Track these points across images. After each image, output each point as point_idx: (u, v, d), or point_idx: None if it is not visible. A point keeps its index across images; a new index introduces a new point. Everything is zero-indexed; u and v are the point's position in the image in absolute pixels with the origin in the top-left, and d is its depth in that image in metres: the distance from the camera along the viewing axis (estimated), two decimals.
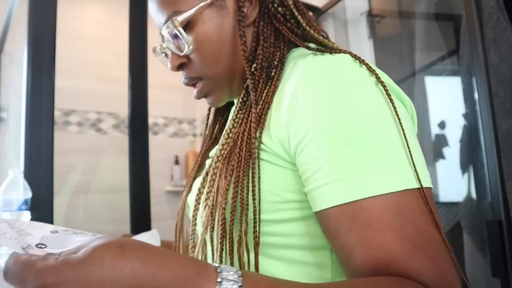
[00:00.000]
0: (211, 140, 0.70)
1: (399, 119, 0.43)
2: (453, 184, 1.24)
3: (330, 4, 1.69)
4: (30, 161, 1.28)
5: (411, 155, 0.41)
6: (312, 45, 0.55)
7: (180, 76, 0.65)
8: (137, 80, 1.54)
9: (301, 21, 0.57)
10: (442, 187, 1.32)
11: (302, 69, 0.47)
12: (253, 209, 0.46)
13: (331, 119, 0.42)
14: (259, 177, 0.47)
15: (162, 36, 0.60)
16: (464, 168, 1.20)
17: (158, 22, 0.59)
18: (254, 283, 0.32)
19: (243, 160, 0.47)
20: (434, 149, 1.39)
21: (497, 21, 0.96)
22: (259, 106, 0.50)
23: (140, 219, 1.45)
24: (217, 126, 0.72)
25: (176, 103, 2.85)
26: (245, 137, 0.49)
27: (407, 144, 0.42)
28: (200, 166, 0.67)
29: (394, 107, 0.43)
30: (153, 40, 1.73)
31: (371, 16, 1.71)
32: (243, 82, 0.58)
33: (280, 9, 0.57)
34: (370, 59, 1.69)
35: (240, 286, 0.30)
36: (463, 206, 1.20)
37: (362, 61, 0.46)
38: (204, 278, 0.31)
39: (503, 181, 0.94)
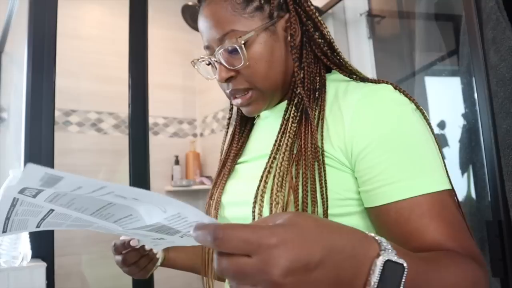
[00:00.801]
0: (238, 147, 0.78)
1: (434, 136, 0.59)
2: (453, 184, 1.24)
3: (330, 4, 1.69)
4: (30, 161, 1.28)
5: (444, 164, 0.57)
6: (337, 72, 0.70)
7: (180, 76, 0.68)
8: (137, 80, 1.54)
9: (341, 53, 0.69)
10: None
11: (356, 94, 0.60)
12: (321, 205, 0.57)
13: (390, 134, 0.56)
14: (325, 179, 0.57)
15: (208, 48, 0.67)
16: (463, 168, 1.20)
17: (210, 36, 0.66)
18: (397, 247, 0.40)
19: (310, 165, 0.58)
20: None
21: (496, 22, 0.96)
22: (315, 122, 0.61)
23: None
24: (243, 135, 0.80)
25: (176, 103, 2.86)
26: (309, 146, 0.59)
27: (441, 155, 0.58)
28: (230, 170, 0.74)
29: (431, 128, 0.60)
30: (153, 40, 1.73)
31: (371, 16, 1.71)
32: (281, 97, 0.71)
33: (320, 40, 0.68)
34: (370, 60, 1.69)
35: (392, 249, 0.38)
36: (463, 206, 1.20)
37: (402, 91, 0.61)
38: (370, 239, 0.39)
39: (502, 181, 0.94)
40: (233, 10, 0.64)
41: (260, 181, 0.61)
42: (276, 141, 0.64)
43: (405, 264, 0.37)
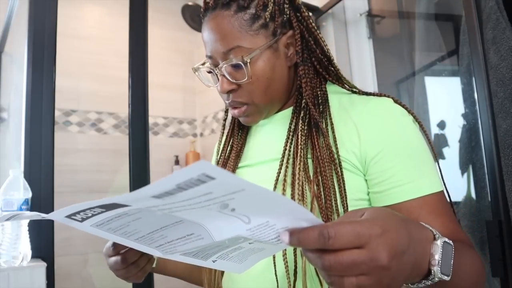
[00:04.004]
0: (238, 149, 0.80)
1: (430, 142, 0.67)
2: (453, 184, 1.24)
3: (330, 4, 1.69)
4: (30, 161, 1.28)
5: (439, 168, 0.66)
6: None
7: (180, 76, 0.70)
8: (137, 80, 1.54)
9: (340, 71, 0.74)
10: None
11: (366, 106, 0.66)
12: (342, 208, 0.62)
13: (399, 141, 0.63)
14: (344, 186, 0.62)
15: (211, 58, 0.69)
16: (463, 168, 1.20)
17: (214, 48, 0.68)
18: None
19: (329, 175, 0.63)
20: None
21: (496, 22, 0.96)
22: (328, 133, 0.66)
23: None
24: (241, 137, 0.82)
25: (176, 103, 2.86)
26: (325, 157, 0.64)
27: (437, 160, 0.67)
28: (233, 172, 0.77)
29: (427, 135, 0.67)
30: (153, 40, 1.73)
31: (371, 16, 1.71)
32: (278, 108, 0.75)
33: (321, 56, 0.72)
34: (370, 60, 1.69)
35: (439, 234, 0.45)
36: (463, 206, 1.20)
37: (402, 104, 0.67)
38: (424, 226, 0.45)
39: (502, 181, 0.94)
40: (239, 26, 0.66)
41: (275, 188, 0.65)
42: (284, 151, 0.68)
43: (452, 244, 0.44)
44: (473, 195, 1.17)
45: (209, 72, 0.72)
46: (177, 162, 2.75)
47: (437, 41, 1.45)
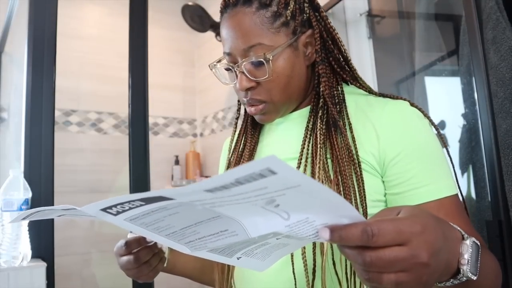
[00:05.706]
0: (251, 147, 0.79)
1: (446, 147, 0.68)
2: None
3: (330, 4, 1.69)
4: (30, 161, 1.28)
5: (455, 171, 0.67)
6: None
7: (180, 76, 0.69)
8: (137, 80, 1.54)
9: (357, 71, 0.74)
10: None
11: (384, 108, 0.67)
12: (362, 209, 0.62)
13: (418, 144, 0.64)
14: (363, 186, 0.63)
15: (230, 55, 0.69)
16: (463, 168, 1.20)
17: (234, 45, 0.67)
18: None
19: (348, 174, 0.63)
20: None
21: (496, 22, 0.96)
22: (346, 133, 0.66)
23: None
24: (254, 135, 0.81)
25: (176, 103, 2.86)
26: (345, 157, 0.64)
27: (452, 163, 0.68)
28: None
29: (443, 140, 0.68)
30: (153, 40, 1.73)
31: (371, 16, 1.71)
32: (294, 107, 0.74)
33: (339, 56, 0.73)
34: (370, 59, 1.69)
35: (466, 234, 0.45)
36: None
37: (419, 108, 0.68)
38: (452, 226, 0.45)
39: (502, 181, 0.94)
40: (261, 23, 0.65)
41: None
42: (302, 150, 0.68)
43: (479, 244, 0.45)
44: (473, 195, 1.17)
45: (227, 69, 0.72)
46: (177, 162, 2.75)
47: (437, 41, 1.45)
